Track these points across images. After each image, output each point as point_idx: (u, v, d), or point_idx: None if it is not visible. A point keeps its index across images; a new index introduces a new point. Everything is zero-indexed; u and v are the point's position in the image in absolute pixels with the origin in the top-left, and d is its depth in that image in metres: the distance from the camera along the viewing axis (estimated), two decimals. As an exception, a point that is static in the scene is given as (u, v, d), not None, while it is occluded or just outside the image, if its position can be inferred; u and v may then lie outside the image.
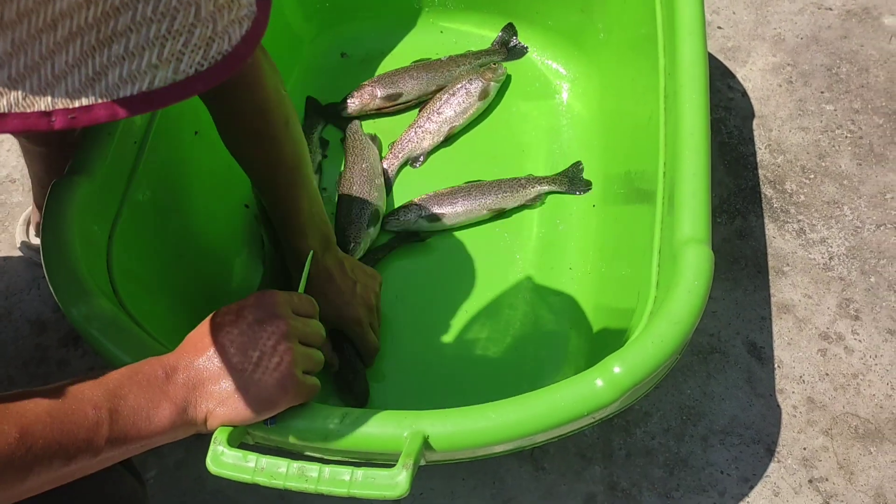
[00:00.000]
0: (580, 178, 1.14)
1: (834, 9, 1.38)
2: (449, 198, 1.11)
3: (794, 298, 1.09)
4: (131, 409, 0.56)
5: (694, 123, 0.82)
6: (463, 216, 1.10)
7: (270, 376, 0.61)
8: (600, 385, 0.67)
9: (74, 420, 0.53)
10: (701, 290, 0.70)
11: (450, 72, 1.24)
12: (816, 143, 1.23)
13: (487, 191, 1.11)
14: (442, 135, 1.18)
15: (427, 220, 1.09)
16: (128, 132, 0.87)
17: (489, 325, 1.04)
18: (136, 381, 0.58)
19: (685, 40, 0.89)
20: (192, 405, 0.60)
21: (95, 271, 0.78)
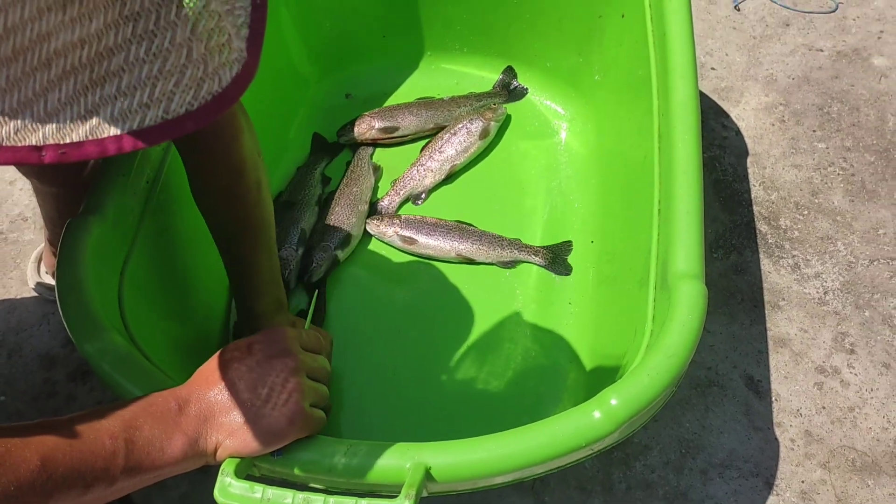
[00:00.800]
0: (564, 260, 1.13)
1: (825, 50, 1.42)
2: (429, 228, 1.14)
3: (790, 332, 1.11)
4: (146, 439, 0.58)
5: (687, 163, 0.85)
6: (432, 251, 1.14)
7: (280, 410, 0.63)
8: (598, 417, 0.68)
9: (93, 450, 0.54)
10: (695, 324, 0.72)
11: (450, 111, 1.28)
12: (809, 181, 1.26)
13: (467, 237, 1.13)
14: (443, 173, 1.22)
15: (400, 239, 1.13)
16: (140, 172, 0.90)
17: (489, 359, 1.06)
18: (151, 412, 0.59)
19: (677, 83, 0.92)
20: (203, 437, 0.61)
21: (107, 307, 0.80)
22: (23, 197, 1.31)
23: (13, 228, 1.28)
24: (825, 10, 1.49)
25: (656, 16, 1.05)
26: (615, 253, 1.07)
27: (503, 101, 1.32)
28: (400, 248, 1.15)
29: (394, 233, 1.14)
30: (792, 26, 1.46)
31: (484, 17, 1.32)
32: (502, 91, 1.32)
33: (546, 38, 1.30)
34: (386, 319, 1.10)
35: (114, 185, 0.87)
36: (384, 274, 1.14)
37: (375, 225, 1.15)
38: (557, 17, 1.27)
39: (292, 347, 0.67)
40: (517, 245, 1.14)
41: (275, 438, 0.63)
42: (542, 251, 1.14)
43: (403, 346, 1.08)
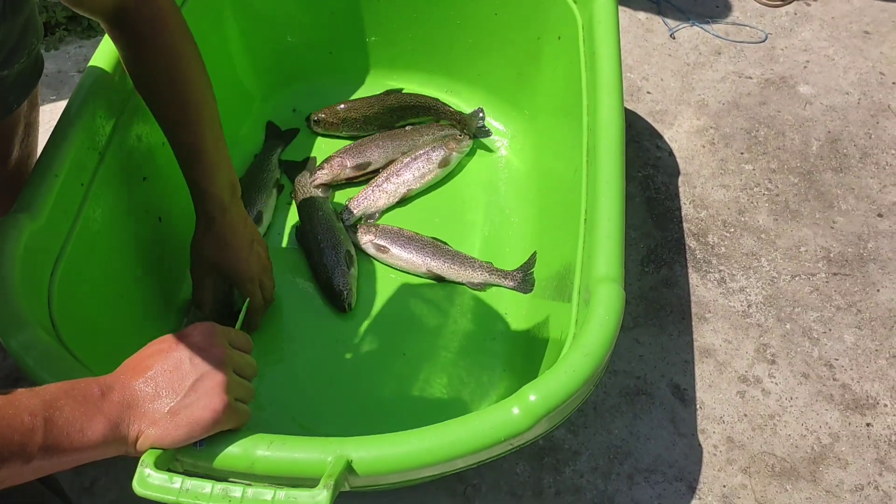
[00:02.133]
0: (531, 276, 1.15)
1: (753, 77, 1.49)
2: (404, 240, 1.17)
3: (715, 343, 1.15)
4: (66, 420, 0.58)
5: (609, 173, 0.89)
6: (404, 263, 1.15)
7: (205, 401, 0.64)
8: (517, 413, 0.70)
9: (10, 424, 0.54)
10: (612, 325, 0.75)
11: (414, 140, 1.29)
12: (736, 200, 1.31)
13: (440, 255, 1.16)
14: (398, 196, 1.23)
15: (374, 247, 1.16)
16: (75, 175, 0.91)
17: (425, 366, 1.08)
18: (72, 395, 0.59)
19: (604, 99, 0.97)
20: (124, 423, 0.61)
21: (35, 305, 0.80)
22: (-41, 203, 1.30)
23: (-53, 234, 1.26)
24: (755, 40, 1.57)
25: (588, 38, 1.09)
26: (548, 264, 1.10)
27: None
28: (372, 255, 1.18)
29: (369, 240, 1.17)
30: (723, 55, 1.53)
31: (428, 37, 1.36)
32: (469, 124, 1.32)
33: (488, 58, 1.34)
34: (327, 323, 1.11)
35: (48, 185, 0.87)
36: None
37: (353, 231, 1.19)
38: (498, 38, 1.31)
39: (221, 342, 0.68)
40: (489, 269, 1.16)
41: (198, 429, 0.64)
42: (512, 274, 1.15)
43: (340, 351, 1.09)
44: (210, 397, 0.64)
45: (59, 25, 1.50)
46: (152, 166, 1.07)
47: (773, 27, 1.60)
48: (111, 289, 0.98)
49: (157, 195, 1.08)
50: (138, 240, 1.06)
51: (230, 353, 0.68)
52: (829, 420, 1.09)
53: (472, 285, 1.15)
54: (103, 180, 0.96)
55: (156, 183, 1.08)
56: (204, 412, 0.63)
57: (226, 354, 0.67)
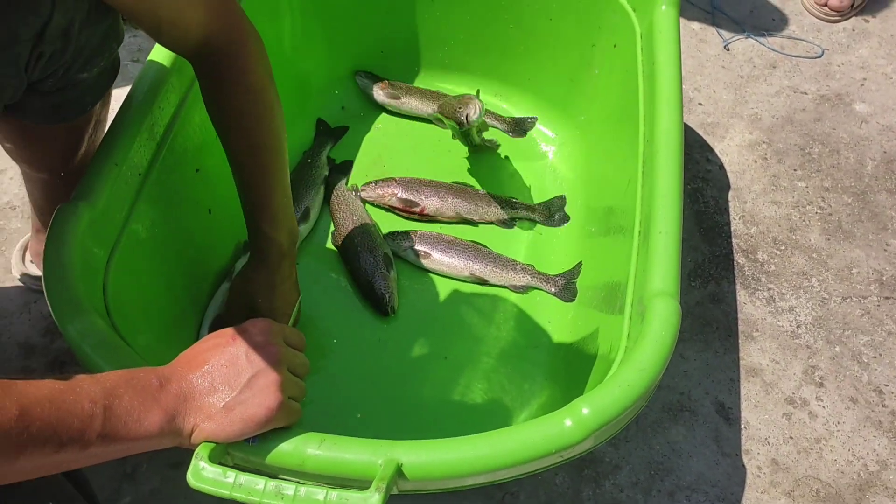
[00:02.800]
0: (574, 286, 1.14)
1: (809, 93, 1.46)
2: (445, 245, 1.16)
3: (762, 363, 1.13)
4: (124, 409, 0.58)
5: (668, 186, 0.87)
6: (446, 267, 1.15)
7: (260, 398, 0.64)
8: (569, 425, 0.70)
9: (71, 410, 0.55)
10: (667, 340, 0.74)
11: (478, 206, 1.22)
12: (788, 217, 1.29)
13: (482, 258, 1.15)
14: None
15: (414, 253, 1.16)
16: (133, 164, 0.92)
17: (468, 371, 1.07)
18: (132, 384, 0.60)
19: (663, 110, 0.95)
20: (180, 416, 0.62)
21: (92, 292, 0.81)
22: (12, 186, 1.32)
23: (0, 216, 1.28)
24: (811, 55, 1.54)
25: (646, 47, 1.08)
26: (597, 274, 1.09)
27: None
28: (413, 261, 1.16)
29: (408, 246, 1.16)
30: (778, 68, 1.51)
31: (481, 40, 1.35)
32: (543, 211, 1.24)
33: (540, 64, 1.33)
34: (369, 326, 1.11)
35: (106, 173, 0.88)
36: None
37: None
38: (552, 44, 1.30)
39: (277, 340, 0.69)
40: (531, 271, 1.15)
41: (252, 425, 0.64)
42: (554, 280, 1.15)
43: (382, 354, 1.09)
44: (265, 395, 0.64)
45: (115, 15, 1.52)
46: (205, 159, 1.07)
47: (829, 43, 1.57)
48: (162, 279, 0.99)
49: (209, 187, 1.09)
50: (189, 230, 1.07)
51: (285, 351, 0.69)
52: (876, 447, 1.06)
53: (515, 288, 1.15)
54: (159, 171, 0.96)
55: (208, 175, 1.08)
56: (258, 410, 0.64)
57: (281, 352, 0.67)
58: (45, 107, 0.84)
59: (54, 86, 0.81)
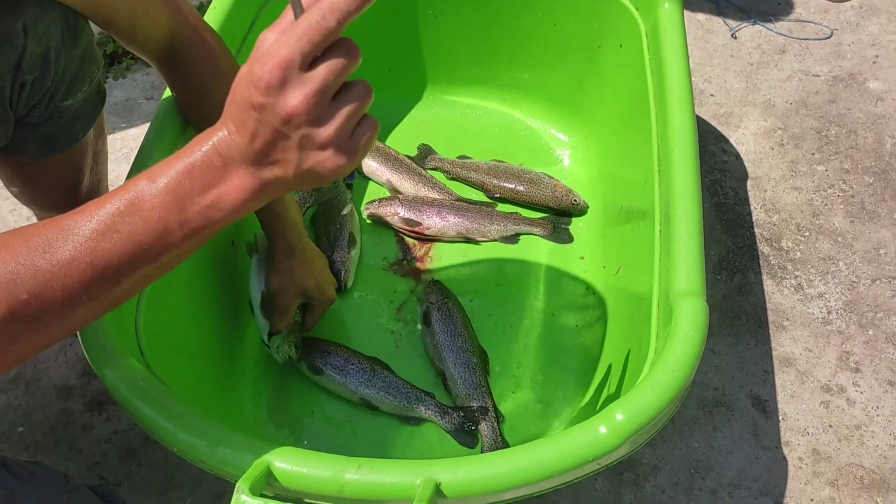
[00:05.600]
0: (565, 229, 1.22)
1: (821, 75, 1.45)
2: (429, 207, 1.21)
3: (794, 352, 1.12)
4: (201, 207, 0.52)
5: (685, 185, 0.87)
6: (433, 230, 1.20)
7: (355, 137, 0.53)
8: (604, 432, 0.70)
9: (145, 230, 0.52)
10: (696, 340, 0.74)
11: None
12: (810, 202, 1.28)
13: (464, 213, 1.20)
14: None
15: (402, 220, 1.20)
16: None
17: (498, 381, 1.08)
18: (194, 175, 0.52)
19: (674, 108, 0.95)
20: (267, 168, 0.52)
21: (124, 334, 0.82)
22: (40, 232, 1.35)
23: (30, 262, 1.31)
24: (820, 37, 1.53)
25: (652, 45, 1.08)
26: (621, 275, 1.09)
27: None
28: (401, 229, 1.21)
29: (394, 212, 1.20)
30: (788, 52, 1.50)
31: (487, 50, 1.36)
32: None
33: (548, 69, 1.34)
34: (409, 339, 1.12)
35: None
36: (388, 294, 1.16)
37: (376, 206, 1.21)
38: (558, 48, 1.31)
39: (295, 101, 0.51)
40: (516, 218, 1.21)
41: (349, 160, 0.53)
42: (541, 222, 1.21)
43: (416, 364, 1.09)
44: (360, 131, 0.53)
45: (125, 55, 1.54)
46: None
47: (838, 22, 1.55)
48: (190, 312, 1.00)
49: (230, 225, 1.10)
50: (213, 263, 1.08)
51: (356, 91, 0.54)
52: (919, 429, 1.05)
53: (505, 240, 1.20)
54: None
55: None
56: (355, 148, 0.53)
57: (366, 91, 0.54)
58: (38, 139, 0.86)
59: (41, 116, 0.83)
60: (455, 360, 1.07)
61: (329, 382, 1.05)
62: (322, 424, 1.05)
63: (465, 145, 1.34)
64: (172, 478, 1.06)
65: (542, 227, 1.22)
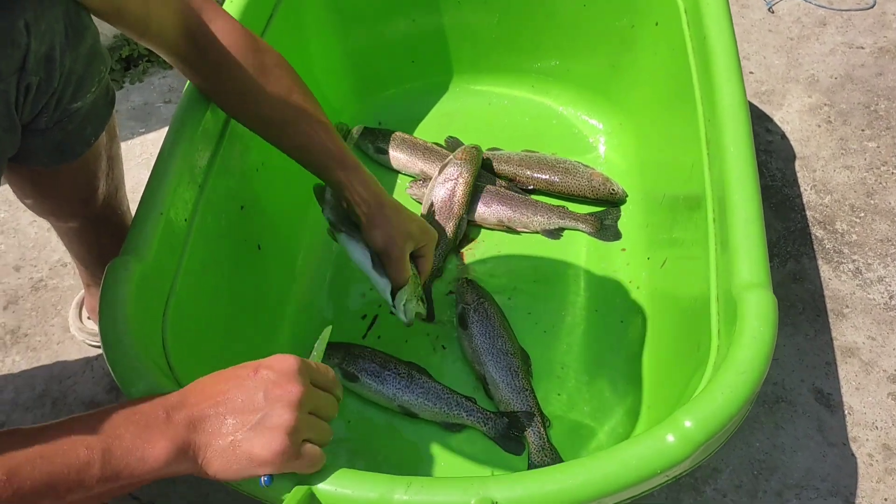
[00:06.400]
0: (611, 226, 1.16)
1: (865, 47, 1.37)
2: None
3: (857, 341, 1.05)
4: (125, 449, 0.56)
5: (741, 168, 0.81)
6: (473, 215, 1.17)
7: (265, 437, 0.60)
8: (672, 441, 0.64)
9: (65, 461, 0.54)
10: (766, 337, 0.68)
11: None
12: (863, 181, 1.21)
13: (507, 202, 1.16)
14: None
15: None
16: (178, 210, 0.89)
17: (542, 384, 1.02)
18: (133, 420, 0.58)
19: (723, 87, 0.89)
20: (192, 445, 0.59)
21: (151, 349, 0.78)
22: (60, 244, 1.31)
23: (52, 275, 1.27)
24: (862, 7, 1.45)
25: (693, 21, 1.02)
26: (668, 267, 1.03)
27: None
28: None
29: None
30: (829, 25, 1.42)
31: (512, 36, 1.30)
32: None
33: (577, 53, 1.28)
34: (440, 334, 1.07)
35: (153, 224, 0.85)
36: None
37: (419, 186, 1.19)
38: (588, 30, 1.25)
39: (299, 379, 0.63)
40: (561, 211, 1.16)
41: (256, 465, 0.60)
42: (587, 218, 1.16)
43: (455, 367, 1.04)
44: (272, 436, 0.60)
45: (141, 58, 1.50)
46: (249, 194, 1.04)
47: (880, -10, 1.48)
48: (219, 322, 0.96)
49: (255, 223, 1.06)
50: (240, 269, 1.04)
51: (309, 393, 0.63)
52: None
53: (548, 233, 1.15)
54: (205, 213, 0.93)
55: (253, 211, 1.05)
56: (263, 451, 0.60)
57: (302, 393, 0.62)
58: (48, 146, 0.82)
59: (50, 121, 0.78)
60: (496, 364, 1.01)
61: (365, 390, 1.00)
62: (360, 434, 1.00)
63: (494, 136, 1.29)
64: (208, 495, 1.02)
65: (589, 223, 1.15)
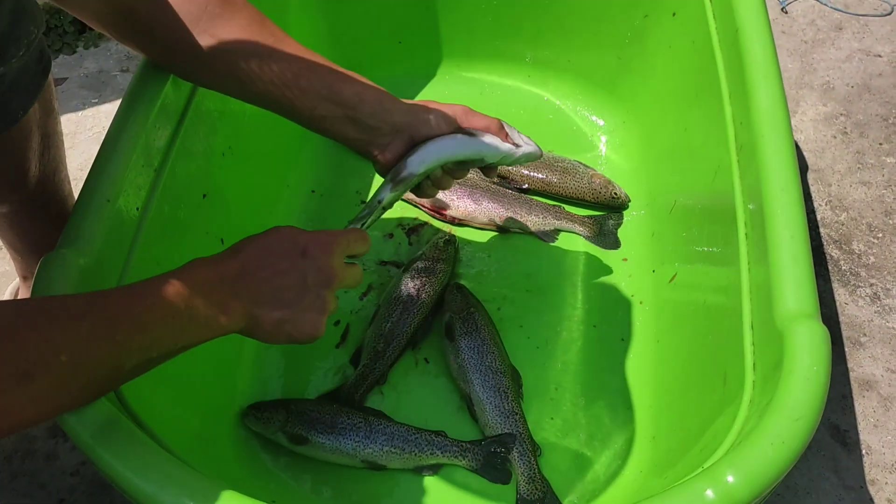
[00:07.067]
0: (611, 233, 1.06)
1: (883, 55, 1.30)
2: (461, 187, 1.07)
3: (875, 373, 0.97)
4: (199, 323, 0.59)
5: (785, 179, 0.71)
6: (461, 213, 1.07)
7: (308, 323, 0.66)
8: (711, 497, 0.54)
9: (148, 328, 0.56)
10: (821, 378, 0.59)
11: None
12: (881, 199, 1.13)
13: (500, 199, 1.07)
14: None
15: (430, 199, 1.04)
16: (129, 198, 0.76)
17: (534, 407, 0.92)
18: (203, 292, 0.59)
19: (760, 85, 0.79)
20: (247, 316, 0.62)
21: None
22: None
23: (-16, 260, 1.13)
24: (881, 13, 1.37)
25: (720, 12, 0.92)
26: (678, 283, 0.93)
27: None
28: (429, 213, 1.08)
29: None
30: (845, 30, 1.34)
31: (510, 21, 1.20)
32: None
33: (581, 43, 1.18)
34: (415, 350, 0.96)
35: (96, 212, 0.72)
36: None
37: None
38: (595, 18, 1.14)
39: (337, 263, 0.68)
40: (557, 212, 1.07)
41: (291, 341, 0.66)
42: (586, 221, 1.07)
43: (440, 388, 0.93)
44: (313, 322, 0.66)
45: (97, 22, 1.36)
46: (212, 181, 0.92)
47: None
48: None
49: (218, 214, 0.93)
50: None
51: (342, 274, 0.68)
52: None
53: (544, 234, 1.06)
54: (161, 201, 0.81)
55: (216, 200, 0.93)
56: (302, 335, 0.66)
57: (338, 278, 0.67)
58: None
59: None
60: (483, 383, 0.90)
61: (320, 451, 0.86)
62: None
63: (486, 129, 1.18)
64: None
65: (587, 226, 1.05)
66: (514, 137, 0.84)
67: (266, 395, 0.94)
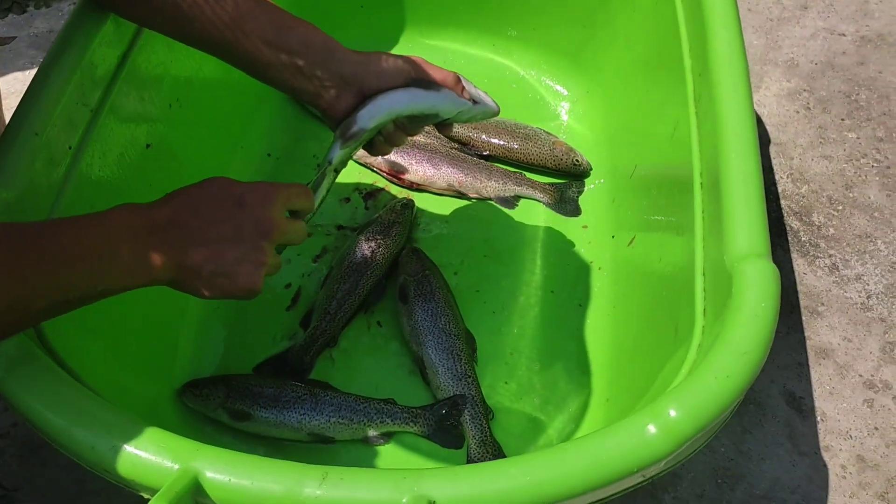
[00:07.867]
0: (572, 199, 1.05)
1: (847, 35, 1.30)
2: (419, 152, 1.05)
3: (832, 342, 0.96)
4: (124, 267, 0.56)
5: (740, 123, 0.70)
6: (420, 178, 1.04)
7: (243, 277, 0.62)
8: (653, 432, 0.52)
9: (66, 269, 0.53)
10: (769, 313, 0.57)
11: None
12: (842, 173, 1.12)
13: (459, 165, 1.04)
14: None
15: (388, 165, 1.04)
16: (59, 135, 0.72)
17: (488, 371, 0.89)
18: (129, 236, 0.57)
19: (718, 33, 0.77)
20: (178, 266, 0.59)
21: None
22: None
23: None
24: (844, -6, 1.37)
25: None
26: (636, 245, 0.92)
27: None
28: (387, 178, 1.06)
29: (382, 159, 1.03)
30: (811, 9, 1.34)
31: (475, -12, 1.18)
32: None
33: (546, 11, 1.16)
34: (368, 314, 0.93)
35: (22, 145, 0.68)
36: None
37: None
38: (559, -16, 1.13)
39: (278, 216, 0.64)
40: (518, 178, 1.04)
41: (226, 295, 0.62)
42: (546, 188, 1.04)
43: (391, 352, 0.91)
44: (249, 276, 0.62)
45: (51, -18, 1.32)
46: (156, 132, 0.88)
47: (860, -19, 1.41)
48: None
49: (163, 167, 0.90)
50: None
51: (283, 228, 0.64)
52: (977, 433, 0.90)
53: (503, 200, 1.03)
54: (97, 144, 0.77)
55: (161, 153, 0.89)
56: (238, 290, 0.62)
57: (279, 232, 0.64)
58: None
59: None
60: (436, 345, 0.88)
61: (264, 426, 0.82)
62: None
63: (448, 96, 1.15)
64: (84, 482, 0.85)
65: (548, 193, 1.03)
66: (472, 92, 0.81)
67: (213, 358, 0.90)
